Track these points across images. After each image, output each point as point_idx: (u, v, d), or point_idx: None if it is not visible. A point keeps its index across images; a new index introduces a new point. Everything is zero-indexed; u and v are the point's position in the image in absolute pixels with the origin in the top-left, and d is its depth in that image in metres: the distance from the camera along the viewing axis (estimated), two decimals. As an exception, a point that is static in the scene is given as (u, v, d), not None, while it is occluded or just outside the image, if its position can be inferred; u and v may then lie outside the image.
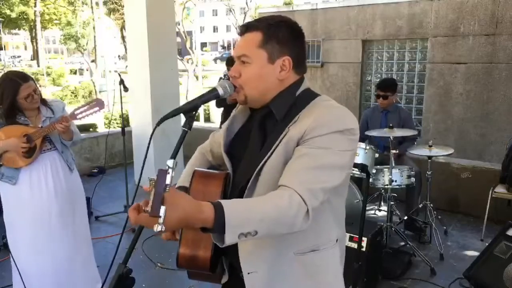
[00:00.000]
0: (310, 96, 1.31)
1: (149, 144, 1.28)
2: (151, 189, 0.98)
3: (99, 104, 2.67)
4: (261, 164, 1.24)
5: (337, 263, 1.35)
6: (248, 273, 1.26)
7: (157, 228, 0.93)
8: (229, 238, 1.02)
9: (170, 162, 0.99)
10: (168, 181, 0.96)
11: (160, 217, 0.93)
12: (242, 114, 1.42)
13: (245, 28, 1.30)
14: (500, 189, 3.88)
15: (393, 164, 3.63)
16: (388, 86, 4.26)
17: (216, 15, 55.43)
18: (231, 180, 1.33)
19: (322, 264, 1.29)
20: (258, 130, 1.32)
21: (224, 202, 1.04)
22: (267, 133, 1.30)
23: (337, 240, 1.33)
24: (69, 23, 29.11)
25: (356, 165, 2.99)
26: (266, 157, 1.23)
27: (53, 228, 2.70)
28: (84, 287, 2.85)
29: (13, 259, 2.60)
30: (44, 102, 2.71)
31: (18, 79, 2.53)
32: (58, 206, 2.72)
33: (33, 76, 2.79)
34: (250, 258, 1.25)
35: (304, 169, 1.15)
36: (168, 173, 0.97)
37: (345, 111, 1.24)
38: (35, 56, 40.04)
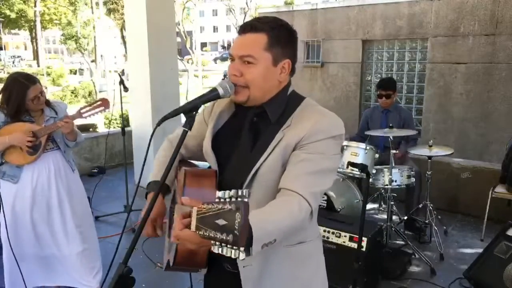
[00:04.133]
0: (297, 98, 1.37)
1: (149, 144, 1.28)
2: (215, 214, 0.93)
3: (105, 103, 2.76)
4: (257, 166, 1.27)
5: (320, 254, 1.47)
6: (244, 267, 1.32)
7: (239, 255, 0.90)
8: (255, 250, 1.06)
9: (245, 192, 0.93)
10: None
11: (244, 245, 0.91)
12: (227, 110, 1.43)
13: (249, 28, 1.30)
14: (500, 189, 3.88)
15: (393, 164, 3.63)
16: (389, 85, 4.26)
17: (216, 15, 55.41)
18: (217, 177, 1.35)
19: (307, 253, 1.39)
20: (248, 130, 1.34)
21: (250, 219, 1.04)
22: (258, 134, 1.33)
23: (318, 235, 1.47)
24: (69, 23, 29.11)
25: (356, 165, 3.00)
26: (262, 159, 1.27)
27: (54, 225, 2.76)
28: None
29: (13, 253, 2.61)
30: (47, 103, 2.75)
31: (26, 81, 2.58)
32: (59, 205, 2.76)
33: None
34: None
35: (306, 174, 1.22)
36: (248, 203, 0.93)
37: (336, 117, 1.33)
38: (35, 56, 40.04)
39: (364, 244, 2.85)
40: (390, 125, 3.82)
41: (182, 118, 1.24)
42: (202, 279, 1.52)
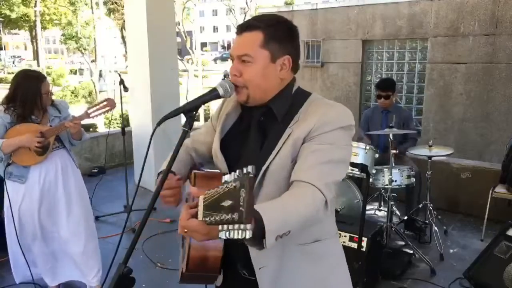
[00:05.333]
0: (303, 94, 1.36)
1: (149, 144, 1.28)
2: (219, 193, 0.93)
3: (110, 103, 2.79)
4: (267, 164, 1.25)
5: (339, 251, 1.43)
6: (260, 268, 1.29)
7: (245, 234, 0.89)
8: (269, 243, 1.05)
9: (250, 168, 0.92)
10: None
11: (252, 224, 0.89)
12: (234, 112, 1.43)
13: (245, 27, 1.30)
14: (500, 189, 3.88)
15: (393, 164, 3.63)
16: (388, 85, 4.26)
17: (216, 15, 55.39)
18: None
19: (325, 251, 1.36)
20: (256, 130, 1.33)
21: (261, 210, 1.05)
22: (266, 133, 1.32)
23: (335, 232, 1.43)
24: (69, 23, 29.11)
25: (356, 165, 3.00)
26: (272, 157, 1.26)
27: (60, 223, 2.79)
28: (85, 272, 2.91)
29: (21, 249, 2.68)
30: (52, 102, 2.79)
31: (38, 76, 2.67)
32: (66, 202, 2.79)
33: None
34: (260, 254, 1.25)
35: (318, 164, 1.21)
36: (255, 178, 0.94)
37: (345, 108, 1.31)
38: (35, 56, 40.02)
39: (364, 244, 2.85)
40: (390, 125, 3.82)
41: (182, 118, 1.24)
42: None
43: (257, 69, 1.27)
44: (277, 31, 1.28)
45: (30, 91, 2.59)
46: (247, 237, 0.88)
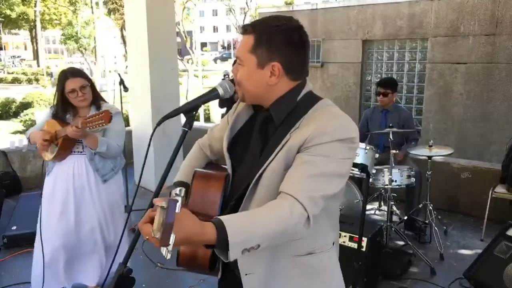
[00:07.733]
0: (311, 100, 1.29)
1: (149, 144, 1.28)
2: (158, 212, 0.98)
3: (105, 116, 2.34)
4: (262, 169, 1.23)
5: (333, 265, 1.37)
6: (246, 274, 1.27)
7: (166, 254, 0.97)
8: (233, 255, 1.05)
9: (178, 190, 0.98)
10: (177, 210, 0.96)
11: (169, 245, 0.95)
12: (245, 112, 1.41)
13: (242, 30, 1.30)
14: (500, 189, 3.88)
15: (393, 164, 3.63)
16: (388, 83, 4.27)
17: (216, 15, 55.45)
18: (230, 180, 1.34)
19: (318, 266, 1.31)
20: (258, 133, 1.32)
21: (226, 221, 1.04)
22: (268, 137, 1.30)
23: (333, 244, 1.35)
24: (69, 23, 29.12)
25: (356, 165, 3.00)
26: (268, 162, 1.23)
27: (68, 226, 2.71)
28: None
29: (41, 238, 2.66)
30: (98, 105, 2.67)
31: (67, 73, 2.60)
32: (75, 209, 2.71)
33: (33, 76, 2.83)
34: (247, 259, 1.25)
35: (306, 177, 1.15)
36: (177, 201, 0.96)
37: (347, 119, 1.24)
38: (35, 56, 40.04)
39: (364, 244, 2.85)
40: (390, 125, 3.82)
41: (182, 118, 1.24)
42: (204, 279, 1.52)
43: (243, 72, 1.28)
44: (269, 37, 1.23)
45: (57, 89, 2.61)
46: (167, 257, 0.95)
